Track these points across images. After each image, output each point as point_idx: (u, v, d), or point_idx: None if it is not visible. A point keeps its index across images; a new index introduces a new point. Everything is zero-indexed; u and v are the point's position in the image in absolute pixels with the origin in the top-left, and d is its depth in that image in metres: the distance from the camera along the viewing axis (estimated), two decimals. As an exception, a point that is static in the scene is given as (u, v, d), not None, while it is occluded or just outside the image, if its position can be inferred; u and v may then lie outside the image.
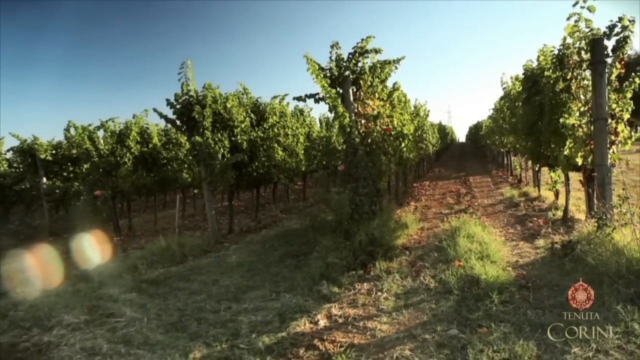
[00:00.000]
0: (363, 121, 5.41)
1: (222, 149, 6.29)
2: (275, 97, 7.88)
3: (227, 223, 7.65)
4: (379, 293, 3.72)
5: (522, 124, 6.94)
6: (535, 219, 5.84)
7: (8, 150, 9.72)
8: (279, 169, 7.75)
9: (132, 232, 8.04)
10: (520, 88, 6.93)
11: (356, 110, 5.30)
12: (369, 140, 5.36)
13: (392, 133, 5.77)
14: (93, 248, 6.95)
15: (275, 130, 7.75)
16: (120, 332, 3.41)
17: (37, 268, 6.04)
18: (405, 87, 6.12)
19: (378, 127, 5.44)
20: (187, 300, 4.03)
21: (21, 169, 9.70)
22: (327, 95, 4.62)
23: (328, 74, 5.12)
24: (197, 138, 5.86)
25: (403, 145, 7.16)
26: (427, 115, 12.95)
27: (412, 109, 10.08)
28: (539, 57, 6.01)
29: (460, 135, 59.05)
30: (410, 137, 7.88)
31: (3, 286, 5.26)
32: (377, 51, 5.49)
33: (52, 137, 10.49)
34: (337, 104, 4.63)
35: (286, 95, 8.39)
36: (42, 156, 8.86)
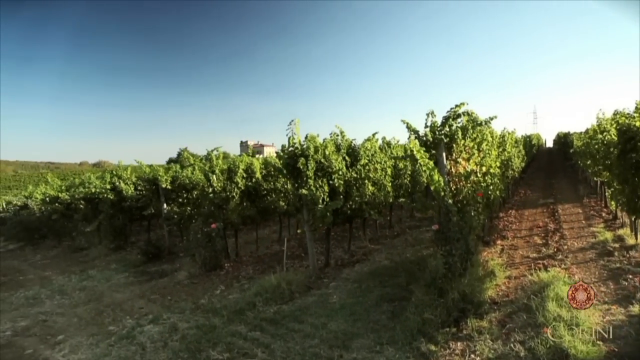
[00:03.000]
0: (455, 179, 5.88)
1: (322, 194, 7.09)
2: (367, 139, 8.56)
3: (320, 252, 8.53)
4: (472, 355, 4.22)
5: (618, 171, 6.89)
6: (630, 276, 5.86)
7: (138, 179, 11.49)
8: (369, 205, 8.40)
9: (239, 258, 9.19)
10: (616, 137, 6.87)
11: (448, 171, 5.78)
12: (461, 197, 5.82)
13: (482, 196, 6.15)
14: (211, 275, 8.17)
15: (367, 168, 8.41)
16: (257, 372, 4.30)
17: (168, 291, 7.32)
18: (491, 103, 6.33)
19: (469, 185, 5.87)
20: (303, 343, 4.82)
21: (144, 193, 11.38)
22: (425, 165, 5.16)
23: (423, 139, 5.66)
24: (303, 191, 6.71)
25: (490, 185, 7.42)
26: (514, 140, 12.85)
27: (499, 139, 10.18)
28: (636, 109, 6.02)
29: (547, 137, 55.24)
30: (497, 174, 8.10)
31: (151, 308, 6.54)
32: (469, 114, 5.94)
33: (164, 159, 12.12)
34: (433, 173, 5.16)
35: (376, 133, 9.13)
36: (164, 185, 10.38)
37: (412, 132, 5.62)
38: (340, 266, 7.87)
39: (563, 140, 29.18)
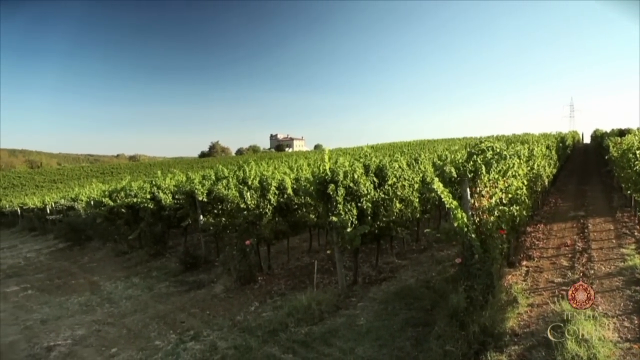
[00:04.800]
0: (479, 212, 6.11)
1: (351, 217, 7.45)
2: (395, 160, 8.83)
3: (348, 267, 8.94)
4: (491, 392, 4.52)
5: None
6: (655, 310, 5.94)
7: (177, 192, 12.19)
8: (397, 223, 8.68)
9: (271, 271, 9.71)
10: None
11: (472, 205, 6.02)
12: (484, 229, 6.05)
13: (504, 233, 6.35)
14: (245, 289, 8.71)
15: (395, 186, 8.68)
16: (291, 397, 4.75)
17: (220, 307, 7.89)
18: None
19: (492, 219, 6.08)
20: (333, 369, 5.25)
21: (182, 203, 12.04)
22: (449, 204, 5.43)
23: (447, 177, 5.91)
24: (334, 218, 7.10)
25: (516, 211, 7.57)
26: (543, 150, 12.78)
27: (527, 154, 10.19)
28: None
29: (586, 131, 53.31)
30: (524, 194, 8.20)
31: (191, 323, 7.12)
32: (493, 149, 6.15)
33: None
34: (457, 212, 5.42)
35: (403, 154, 9.35)
36: (200, 198, 11.00)
37: (436, 170, 5.90)
38: (368, 284, 8.24)
39: (600, 140, 28.26)
